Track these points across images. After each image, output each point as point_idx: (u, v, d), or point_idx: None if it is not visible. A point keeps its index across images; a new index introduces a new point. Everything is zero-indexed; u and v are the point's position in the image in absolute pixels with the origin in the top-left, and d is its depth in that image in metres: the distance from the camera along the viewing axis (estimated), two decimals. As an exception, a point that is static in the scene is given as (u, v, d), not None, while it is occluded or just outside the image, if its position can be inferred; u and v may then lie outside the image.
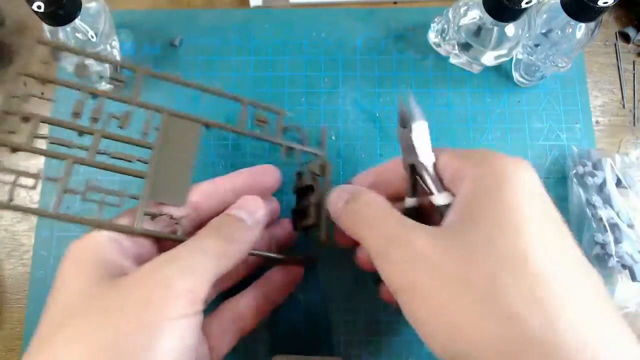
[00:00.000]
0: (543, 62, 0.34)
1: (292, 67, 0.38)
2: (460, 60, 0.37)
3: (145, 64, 0.38)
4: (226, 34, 0.39)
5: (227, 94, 0.30)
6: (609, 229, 0.32)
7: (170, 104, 0.37)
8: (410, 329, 0.20)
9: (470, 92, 0.37)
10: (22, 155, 0.37)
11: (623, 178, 0.33)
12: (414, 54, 0.38)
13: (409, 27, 0.39)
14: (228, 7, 0.40)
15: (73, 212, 0.35)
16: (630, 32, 0.39)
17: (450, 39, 0.35)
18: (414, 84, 0.37)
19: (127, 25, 0.39)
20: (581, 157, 0.35)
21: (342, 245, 0.28)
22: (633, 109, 0.38)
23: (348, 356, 0.32)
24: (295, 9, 0.40)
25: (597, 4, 0.28)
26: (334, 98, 0.37)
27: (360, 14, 0.39)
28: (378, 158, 0.35)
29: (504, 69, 0.37)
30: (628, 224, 0.32)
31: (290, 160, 0.30)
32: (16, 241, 0.35)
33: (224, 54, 0.38)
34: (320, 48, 0.38)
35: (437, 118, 0.36)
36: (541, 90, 0.37)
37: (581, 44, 0.32)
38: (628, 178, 0.34)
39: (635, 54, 0.39)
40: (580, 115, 0.37)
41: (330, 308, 0.33)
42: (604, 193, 0.33)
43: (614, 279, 0.32)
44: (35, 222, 0.35)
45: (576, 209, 0.34)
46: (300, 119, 0.36)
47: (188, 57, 0.38)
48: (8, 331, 0.33)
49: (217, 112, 0.37)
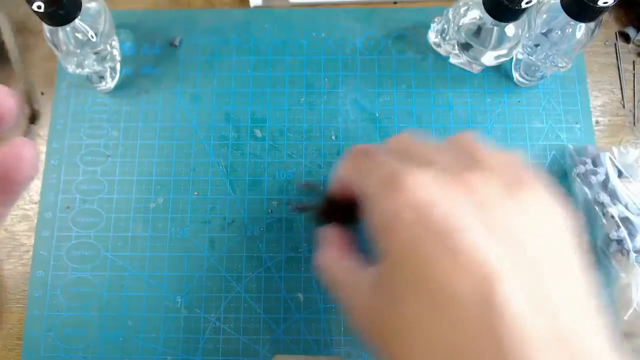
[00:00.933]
0: (543, 62, 0.34)
1: (292, 67, 0.38)
2: (460, 60, 0.37)
3: (145, 64, 0.38)
4: (226, 34, 0.39)
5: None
6: (621, 224, 0.32)
7: (171, 104, 0.37)
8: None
9: (470, 92, 0.37)
10: (22, 155, 0.37)
11: (624, 169, 0.33)
12: (414, 54, 0.38)
13: (409, 27, 0.39)
14: (228, 7, 0.40)
15: (73, 211, 0.35)
16: (630, 32, 0.39)
17: (450, 39, 0.35)
18: (414, 84, 0.37)
19: (127, 25, 0.39)
20: (579, 154, 0.35)
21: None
22: (633, 109, 0.38)
23: (348, 356, 0.32)
24: (295, 9, 0.40)
25: (597, 4, 0.28)
26: (334, 98, 0.37)
27: (360, 14, 0.39)
28: (378, 158, 0.35)
29: (504, 69, 0.37)
30: (638, 214, 0.32)
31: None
32: (16, 241, 0.35)
33: (224, 54, 0.38)
34: (320, 48, 0.38)
35: (437, 118, 0.36)
36: (541, 90, 0.37)
37: (581, 44, 0.32)
38: (629, 169, 0.34)
39: (635, 54, 0.39)
40: (580, 115, 0.37)
41: (330, 308, 0.33)
42: (609, 189, 0.33)
43: (637, 272, 0.31)
44: (35, 222, 0.35)
45: (582, 207, 0.34)
46: (300, 119, 0.36)
47: (188, 57, 0.38)
48: (8, 331, 0.33)
49: (217, 112, 0.37)
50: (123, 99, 0.37)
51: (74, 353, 0.32)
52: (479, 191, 0.19)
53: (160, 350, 0.32)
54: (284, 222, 0.34)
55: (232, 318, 0.33)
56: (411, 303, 0.18)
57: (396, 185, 0.19)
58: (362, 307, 0.21)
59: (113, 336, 0.33)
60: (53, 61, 0.38)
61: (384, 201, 0.20)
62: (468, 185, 0.19)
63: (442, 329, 0.17)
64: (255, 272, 0.34)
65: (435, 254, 0.18)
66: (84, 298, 0.33)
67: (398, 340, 0.19)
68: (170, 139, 0.36)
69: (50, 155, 0.36)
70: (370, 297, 0.21)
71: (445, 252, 0.18)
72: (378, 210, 0.20)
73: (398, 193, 0.19)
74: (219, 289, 0.33)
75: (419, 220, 0.18)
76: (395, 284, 0.19)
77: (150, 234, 0.34)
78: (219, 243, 0.34)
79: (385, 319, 0.19)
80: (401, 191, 0.19)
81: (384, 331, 0.20)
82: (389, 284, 0.20)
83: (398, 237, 0.19)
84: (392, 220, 0.19)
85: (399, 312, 0.19)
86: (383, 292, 0.20)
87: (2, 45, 0.39)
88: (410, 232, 0.18)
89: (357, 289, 0.22)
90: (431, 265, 0.18)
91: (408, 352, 0.18)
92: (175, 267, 0.34)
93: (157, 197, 0.35)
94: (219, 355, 0.32)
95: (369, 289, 0.21)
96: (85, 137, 0.36)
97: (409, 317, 0.18)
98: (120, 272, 0.34)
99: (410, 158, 0.21)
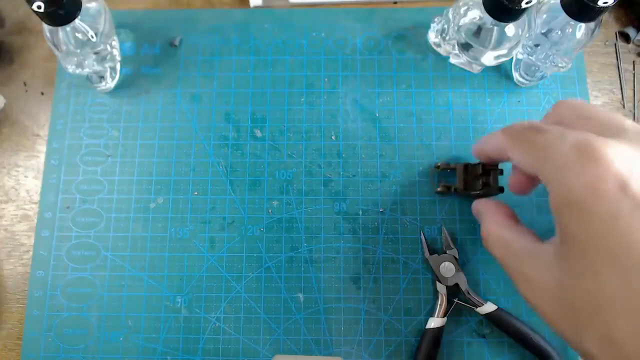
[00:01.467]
0: (543, 62, 0.34)
1: (292, 67, 0.38)
2: (460, 60, 0.37)
3: (145, 64, 0.38)
4: (226, 34, 0.39)
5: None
6: None
7: (171, 104, 0.37)
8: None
9: (470, 92, 0.37)
10: (22, 155, 0.37)
11: None
12: (414, 54, 0.38)
13: (409, 27, 0.39)
14: (228, 7, 0.40)
15: (73, 211, 0.35)
16: (630, 32, 0.39)
17: (450, 39, 0.35)
18: (414, 84, 0.37)
19: (127, 25, 0.39)
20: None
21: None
22: (633, 109, 0.38)
23: (348, 356, 0.32)
24: (295, 9, 0.40)
25: (597, 4, 0.28)
26: (334, 98, 0.37)
27: (360, 14, 0.39)
28: (378, 158, 0.36)
29: (504, 69, 0.37)
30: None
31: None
32: (16, 241, 0.35)
33: (224, 54, 0.38)
34: (320, 48, 0.38)
35: (437, 118, 0.36)
36: (541, 90, 0.37)
37: (581, 44, 0.32)
38: None
39: (635, 54, 0.39)
40: (580, 115, 0.37)
41: (330, 308, 0.33)
42: None
43: None
44: (35, 222, 0.35)
45: None
46: (300, 119, 0.36)
47: (188, 57, 0.38)
48: (8, 331, 0.33)
49: (217, 112, 0.37)
50: (123, 99, 0.37)
51: (74, 353, 0.32)
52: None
53: (160, 350, 0.32)
54: (284, 222, 0.34)
55: (232, 318, 0.33)
56: (611, 277, 0.17)
57: (593, 155, 0.19)
58: (544, 281, 0.20)
59: (113, 336, 0.33)
60: (53, 61, 0.38)
61: (579, 172, 0.19)
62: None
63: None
64: (255, 272, 0.34)
65: (638, 225, 0.17)
66: (84, 298, 0.33)
67: (597, 317, 0.18)
68: (170, 139, 0.36)
69: (50, 155, 0.36)
70: (555, 271, 0.20)
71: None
72: (570, 182, 0.19)
73: (596, 163, 0.18)
74: (219, 289, 0.33)
75: (620, 192, 0.18)
76: (591, 257, 0.18)
77: (150, 234, 0.34)
78: (219, 243, 0.34)
79: (577, 294, 0.19)
80: (600, 161, 0.18)
81: (575, 308, 0.19)
82: (582, 257, 0.19)
83: (598, 208, 0.18)
84: (591, 192, 0.18)
85: (596, 287, 0.18)
86: (573, 267, 0.19)
87: (2, 45, 0.39)
88: (611, 204, 0.18)
89: (538, 260, 0.21)
90: (634, 238, 0.17)
91: (610, 329, 0.17)
92: (175, 267, 0.34)
93: (157, 197, 0.35)
94: (219, 355, 0.32)
95: (555, 261, 0.20)
96: (85, 137, 0.36)
97: (609, 292, 0.18)
98: (120, 272, 0.34)
99: (585, 126, 0.21)
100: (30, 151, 0.37)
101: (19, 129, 0.37)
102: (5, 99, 0.37)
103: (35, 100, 0.38)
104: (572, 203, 0.19)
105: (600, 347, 0.18)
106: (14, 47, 0.39)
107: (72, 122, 0.37)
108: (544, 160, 0.21)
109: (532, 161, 0.22)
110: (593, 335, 0.18)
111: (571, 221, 0.19)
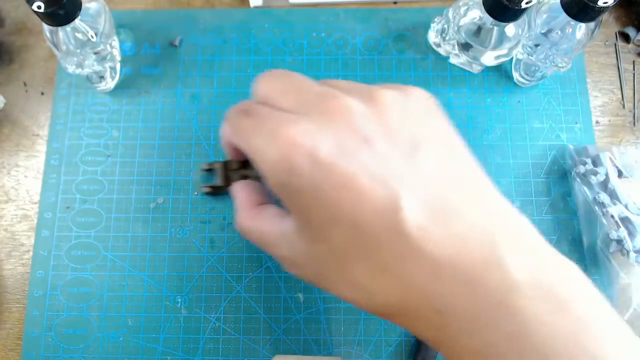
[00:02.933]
0: (543, 62, 0.34)
1: (292, 67, 0.38)
2: (460, 60, 0.37)
3: (145, 64, 0.38)
4: (226, 34, 0.39)
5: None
6: (621, 224, 0.32)
7: (171, 104, 0.37)
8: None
9: (470, 92, 0.37)
10: (22, 155, 0.37)
11: (624, 169, 0.33)
12: (414, 54, 0.38)
13: (409, 27, 0.39)
14: (228, 7, 0.40)
15: (73, 211, 0.35)
16: (630, 32, 0.39)
17: (450, 39, 0.35)
18: (413, 84, 0.37)
19: (127, 25, 0.39)
20: (579, 154, 0.35)
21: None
22: (633, 109, 0.38)
23: (348, 356, 0.32)
24: (295, 9, 0.40)
25: (597, 4, 0.28)
26: (334, 98, 0.37)
27: (360, 14, 0.39)
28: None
29: (504, 69, 0.37)
30: (637, 214, 0.32)
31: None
32: (16, 241, 0.35)
33: (224, 54, 0.38)
34: (320, 48, 0.38)
35: (437, 118, 0.36)
36: (541, 90, 0.37)
37: (581, 44, 0.32)
38: (629, 169, 0.34)
39: (635, 54, 0.39)
40: (580, 115, 0.37)
41: (330, 308, 0.33)
42: (609, 189, 0.33)
43: (637, 271, 0.31)
44: (35, 222, 0.35)
45: (582, 207, 0.34)
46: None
47: (188, 57, 0.38)
48: (8, 331, 0.33)
49: (217, 112, 0.37)
50: (123, 99, 0.37)
51: (74, 353, 0.32)
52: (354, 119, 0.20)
53: (160, 350, 0.32)
54: (284, 222, 0.34)
55: (232, 318, 0.33)
56: (337, 237, 0.19)
57: (282, 139, 0.20)
58: (298, 256, 0.22)
59: (113, 336, 0.33)
60: (53, 61, 0.38)
61: (276, 158, 0.20)
62: (341, 113, 0.20)
63: (366, 254, 0.19)
64: (255, 272, 0.34)
65: (336, 195, 0.19)
66: (83, 298, 0.33)
67: (341, 268, 0.20)
68: (170, 139, 0.36)
69: (50, 155, 0.36)
70: (302, 244, 0.21)
71: (347, 192, 0.19)
72: (272, 168, 0.20)
73: (286, 146, 0.19)
74: (219, 289, 0.33)
75: (312, 165, 0.19)
76: (317, 225, 0.20)
77: (150, 234, 0.34)
78: (219, 243, 0.34)
79: (321, 256, 0.21)
80: (288, 144, 0.19)
81: (327, 268, 0.21)
82: (310, 227, 0.20)
83: (301, 185, 0.19)
84: (289, 172, 0.19)
85: (330, 247, 0.20)
86: (309, 236, 0.21)
87: (2, 45, 0.39)
88: (309, 177, 0.19)
89: (287, 240, 0.22)
90: (336, 196, 0.19)
91: (352, 274, 0.20)
92: (175, 267, 0.34)
93: (157, 197, 0.35)
94: (219, 355, 0.32)
95: (297, 236, 0.21)
96: (85, 137, 0.36)
97: (341, 249, 0.20)
98: (120, 272, 0.34)
99: (283, 103, 0.22)
100: (30, 151, 0.37)
101: (19, 129, 0.37)
102: (5, 99, 0.37)
103: (35, 100, 0.38)
104: (281, 186, 0.20)
105: (351, 290, 0.20)
106: (14, 47, 0.39)
107: (72, 122, 0.37)
108: (253, 147, 0.22)
109: (246, 148, 0.22)
110: (344, 283, 0.20)
111: (289, 201, 0.21)
